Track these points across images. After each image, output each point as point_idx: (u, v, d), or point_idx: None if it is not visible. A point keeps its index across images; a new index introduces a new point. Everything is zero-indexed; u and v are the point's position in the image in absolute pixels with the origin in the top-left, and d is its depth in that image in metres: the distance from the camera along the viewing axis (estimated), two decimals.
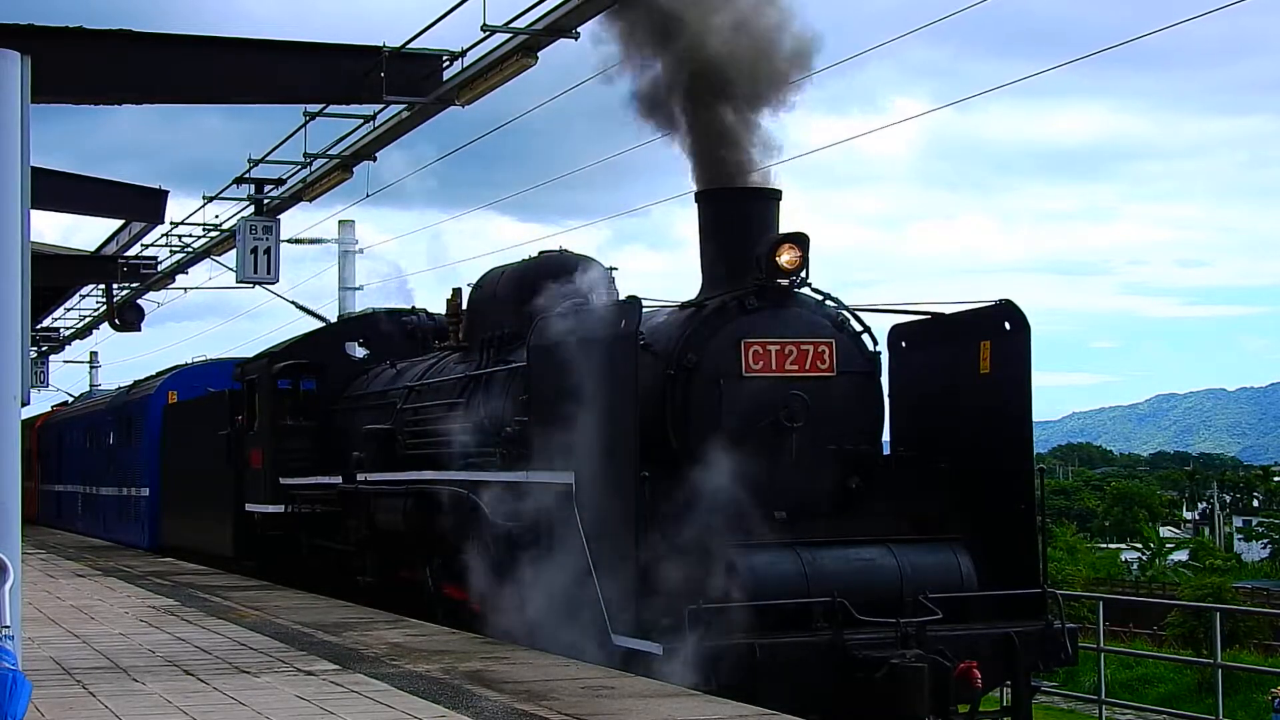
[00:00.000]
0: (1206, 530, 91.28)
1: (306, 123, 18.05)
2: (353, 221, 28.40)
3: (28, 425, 37.23)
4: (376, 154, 18.01)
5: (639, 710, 7.78)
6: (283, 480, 17.32)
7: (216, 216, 25.30)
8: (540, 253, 13.21)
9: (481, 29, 13.04)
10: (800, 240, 10.20)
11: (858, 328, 10.59)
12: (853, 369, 10.36)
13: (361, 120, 17.23)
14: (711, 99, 10.50)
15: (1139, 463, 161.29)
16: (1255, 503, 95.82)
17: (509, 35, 13.08)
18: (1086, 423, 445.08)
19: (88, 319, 38.78)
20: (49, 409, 44.55)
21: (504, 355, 12.70)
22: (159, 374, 29.04)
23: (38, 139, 7.20)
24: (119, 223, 25.15)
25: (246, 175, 21.06)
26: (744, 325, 10.04)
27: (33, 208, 6.50)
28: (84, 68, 12.89)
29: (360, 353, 17.89)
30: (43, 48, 11.46)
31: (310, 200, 20.60)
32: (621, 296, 11.02)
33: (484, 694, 8.37)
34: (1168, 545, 73.86)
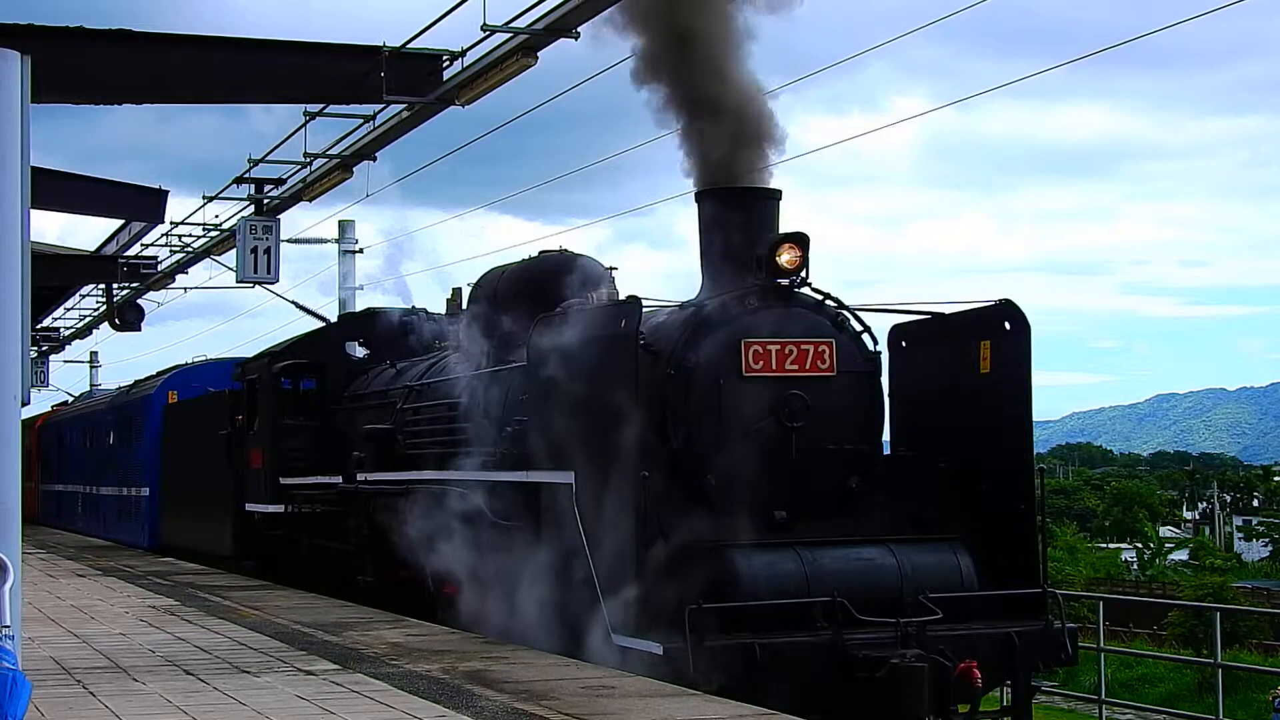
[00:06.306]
0: (1207, 530, 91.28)
1: (306, 123, 18.06)
2: (353, 221, 28.42)
3: (28, 425, 37.22)
4: (376, 154, 18.01)
5: (639, 710, 7.78)
6: (283, 480, 17.32)
7: (216, 216, 25.34)
8: (540, 252, 13.21)
9: (481, 29, 13.04)
10: (800, 240, 10.19)
11: (858, 327, 10.58)
12: (853, 369, 10.34)
13: (361, 120, 17.23)
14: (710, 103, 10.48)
15: (1139, 462, 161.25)
16: (1255, 502, 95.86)
17: (509, 35, 13.08)
18: (1086, 423, 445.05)
19: (88, 319, 38.79)
20: (49, 409, 44.56)
21: (504, 355, 12.69)
22: (159, 374, 29.04)
23: (38, 139, 7.21)
24: (119, 223, 25.14)
25: (246, 175, 21.07)
26: (744, 325, 10.02)
27: (33, 208, 6.50)
28: (84, 68, 12.88)
29: (360, 353, 17.89)
30: (43, 48, 11.44)
31: (310, 200, 20.60)
32: (621, 296, 11.02)
33: (484, 694, 8.37)
34: (1167, 545, 73.86)
